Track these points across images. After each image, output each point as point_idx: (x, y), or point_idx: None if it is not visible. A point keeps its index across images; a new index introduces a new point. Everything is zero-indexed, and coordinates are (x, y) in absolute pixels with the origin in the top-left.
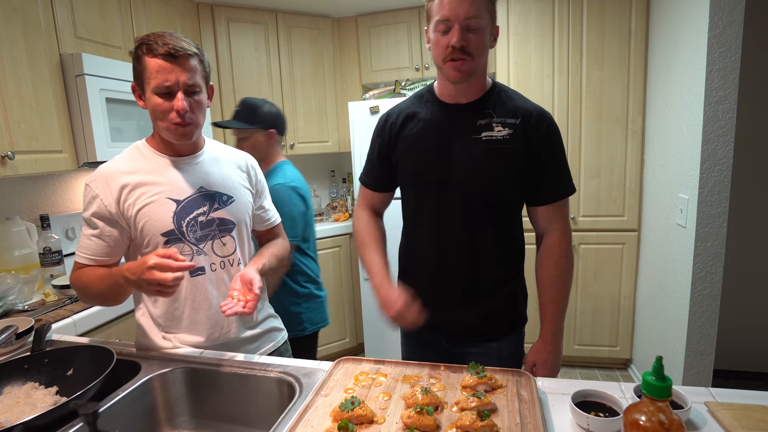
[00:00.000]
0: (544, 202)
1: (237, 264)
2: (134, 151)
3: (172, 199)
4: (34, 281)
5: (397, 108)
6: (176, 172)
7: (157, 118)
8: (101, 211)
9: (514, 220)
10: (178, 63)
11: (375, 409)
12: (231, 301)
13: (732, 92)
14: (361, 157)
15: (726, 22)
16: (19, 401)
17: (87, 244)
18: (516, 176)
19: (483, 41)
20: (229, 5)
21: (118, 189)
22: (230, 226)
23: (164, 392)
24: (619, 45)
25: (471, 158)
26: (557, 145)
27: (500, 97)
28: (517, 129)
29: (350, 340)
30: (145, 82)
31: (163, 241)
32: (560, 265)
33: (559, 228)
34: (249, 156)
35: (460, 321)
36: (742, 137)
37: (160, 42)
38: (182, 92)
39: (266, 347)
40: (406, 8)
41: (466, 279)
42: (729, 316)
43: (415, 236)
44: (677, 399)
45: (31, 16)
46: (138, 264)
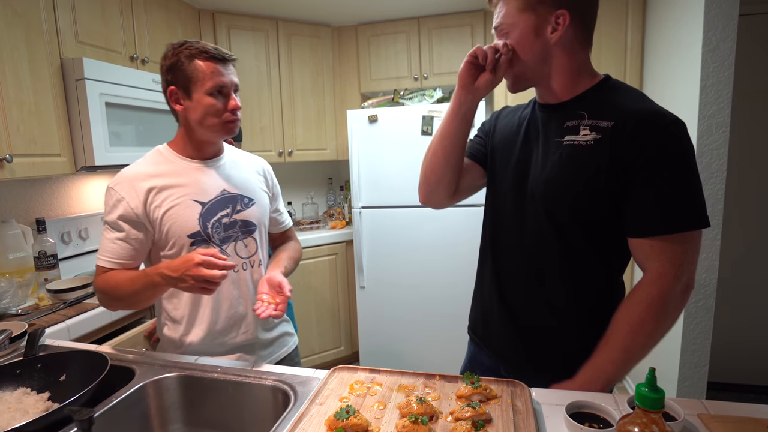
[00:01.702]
0: (634, 232)
1: (258, 265)
2: (157, 155)
3: (197, 201)
4: (29, 285)
5: (511, 106)
6: (200, 175)
7: (207, 118)
8: (127, 213)
9: (603, 253)
10: (226, 65)
11: (370, 419)
12: (262, 304)
13: (725, 107)
14: (359, 165)
15: (720, 37)
16: (11, 407)
17: (111, 248)
18: (596, 194)
19: (520, 41)
20: (230, 12)
21: (144, 191)
22: (252, 227)
23: (158, 399)
24: (616, 59)
25: (546, 165)
26: (669, 158)
27: (605, 96)
28: (607, 134)
29: (345, 348)
30: (194, 84)
31: (189, 243)
32: (634, 310)
33: (657, 269)
34: (264, 161)
35: (512, 351)
36: (736, 150)
37: (208, 47)
38: (232, 92)
39: (280, 352)
40: (406, 18)
41: (529, 309)
42: (724, 329)
43: (485, 245)
44: (670, 411)
45: (34, 20)
46: (181, 261)
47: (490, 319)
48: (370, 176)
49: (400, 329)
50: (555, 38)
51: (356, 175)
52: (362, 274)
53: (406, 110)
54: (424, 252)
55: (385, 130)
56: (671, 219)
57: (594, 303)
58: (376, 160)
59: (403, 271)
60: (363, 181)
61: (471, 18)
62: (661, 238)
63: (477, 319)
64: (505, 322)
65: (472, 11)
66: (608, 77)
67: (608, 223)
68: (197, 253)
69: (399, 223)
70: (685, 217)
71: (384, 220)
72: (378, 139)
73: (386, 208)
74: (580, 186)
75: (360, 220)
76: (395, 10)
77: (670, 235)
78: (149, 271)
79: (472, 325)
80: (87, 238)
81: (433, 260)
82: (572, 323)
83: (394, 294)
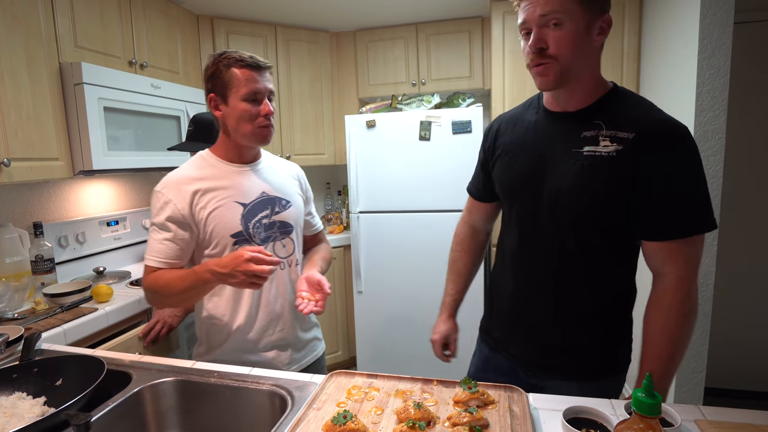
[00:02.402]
0: (652, 237)
1: (295, 265)
2: (200, 160)
3: (239, 203)
4: (25, 289)
5: (505, 114)
6: (241, 178)
7: (242, 123)
8: (175, 215)
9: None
10: (262, 73)
11: (367, 424)
12: (303, 300)
13: (721, 113)
14: (357, 170)
15: (715, 45)
16: (6, 412)
17: (159, 248)
18: (617, 202)
19: (570, 37)
20: (229, 18)
21: (190, 194)
22: (290, 228)
23: (155, 404)
24: (612, 64)
25: (566, 175)
26: (685, 168)
27: (617, 106)
28: (629, 145)
29: (343, 353)
30: (230, 90)
31: (232, 242)
32: (669, 318)
33: (676, 272)
34: (298, 166)
35: (536, 352)
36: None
37: (244, 55)
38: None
39: (310, 356)
40: (404, 24)
41: (547, 309)
42: (721, 334)
43: (504, 254)
44: (667, 416)
45: (33, 25)
46: (231, 258)
47: (507, 323)
48: (368, 181)
49: (398, 334)
50: (599, 41)
51: (354, 180)
52: (360, 278)
53: (403, 116)
54: (422, 257)
55: (383, 135)
56: (689, 223)
57: (610, 302)
58: (373, 165)
59: (401, 276)
60: (361, 186)
61: (469, 24)
62: (679, 241)
63: (492, 322)
64: (523, 325)
65: (469, 17)
66: (616, 85)
67: (625, 227)
68: (246, 250)
69: (397, 228)
70: (700, 220)
71: (382, 225)
72: (376, 145)
73: (384, 213)
74: (604, 195)
75: (358, 225)
76: (393, 16)
77: (687, 238)
78: (198, 269)
79: (486, 328)
80: (84, 242)
81: (431, 265)
82: (589, 323)
83: (392, 299)
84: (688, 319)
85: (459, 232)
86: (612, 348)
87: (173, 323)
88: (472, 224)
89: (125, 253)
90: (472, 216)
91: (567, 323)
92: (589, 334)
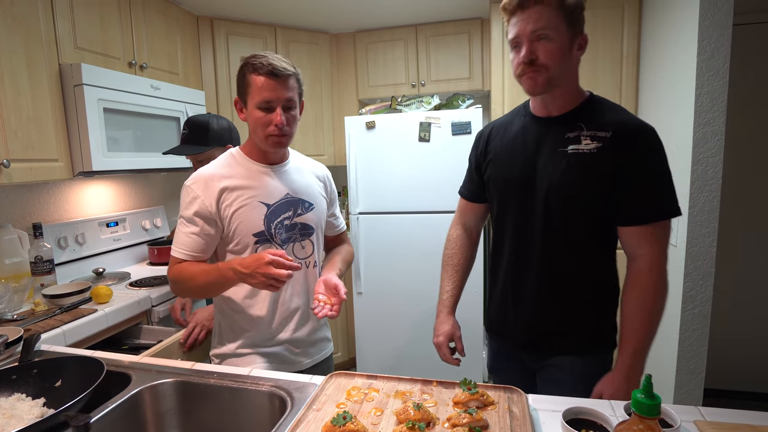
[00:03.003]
0: (629, 222)
1: (313, 266)
2: (230, 158)
3: (263, 203)
4: (25, 290)
5: (494, 121)
6: (267, 178)
7: (257, 129)
8: (202, 210)
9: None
10: (279, 81)
11: (367, 425)
12: (318, 303)
13: (720, 114)
14: (356, 171)
15: (714, 47)
16: (5, 413)
17: (186, 241)
18: (600, 193)
19: (557, 50)
20: (229, 19)
21: (218, 191)
22: (310, 230)
23: (154, 405)
24: (611, 67)
25: (554, 171)
26: (654, 161)
27: (594, 110)
28: (608, 142)
29: (343, 354)
30: (248, 97)
31: (254, 241)
32: (646, 296)
33: (650, 254)
34: (325, 167)
35: (534, 335)
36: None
37: (264, 62)
38: (281, 108)
39: (320, 355)
40: (404, 26)
41: (543, 295)
42: (721, 336)
43: (499, 248)
44: (667, 417)
45: (33, 26)
46: (253, 259)
47: (506, 315)
48: (368, 182)
49: (398, 335)
50: (578, 56)
51: (354, 182)
52: (359, 279)
53: (403, 117)
54: (421, 258)
55: (382, 136)
56: (659, 208)
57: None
58: (373, 167)
59: (401, 276)
60: (360, 188)
61: (468, 26)
62: (651, 225)
63: (493, 317)
64: (520, 315)
65: (469, 19)
66: (592, 94)
67: (607, 216)
68: (268, 253)
69: (396, 229)
70: (667, 206)
71: (381, 226)
72: (375, 146)
73: (383, 214)
74: (589, 186)
75: (357, 226)
76: (393, 17)
77: (658, 222)
78: (222, 266)
79: (490, 324)
80: (83, 243)
81: (431, 266)
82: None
83: (392, 300)
84: (662, 295)
85: (451, 233)
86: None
87: (210, 326)
88: (465, 224)
89: (125, 254)
90: (465, 217)
91: (559, 310)
92: (580, 319)
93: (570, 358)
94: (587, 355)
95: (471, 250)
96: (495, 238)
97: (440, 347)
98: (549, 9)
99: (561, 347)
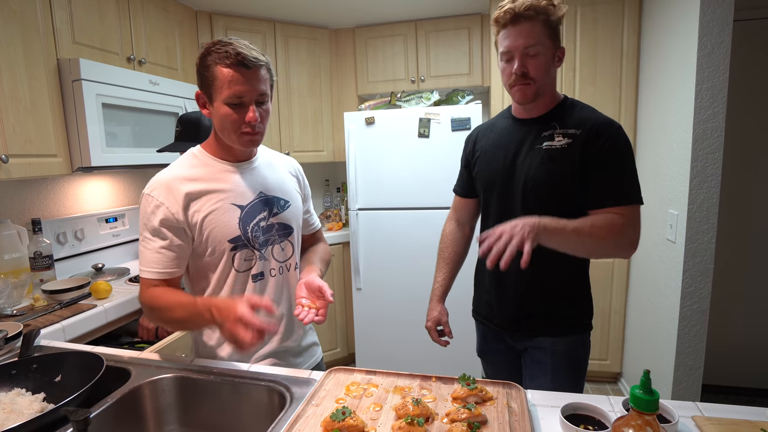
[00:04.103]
0: (597, 206)
1: (294, 269)
2: (191, 158)
3: (236, 205)
4: (24, 286)
5: (481, 125)
6: (237, 177)
7: (225, 127)
8: (168, 219)
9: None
10: (251, 74)
11: (366, 420)
12: (302, 309)
13: (720, 111)
14: (356, 167)
15: (715, 42)
16: (5, 408)
17: (155, 258)
18: (571, 182)
19: (543, 65)
20: (228, 14)
21: (183, 196)
22: (289, 230)
23: (154, 400)
24: (611, 63)
25: (531, 165)
26: (619, 153)
27: (567, 111)
28: (577, 138)
29: (342, 349)
30: (214, 90)
31: (230, 248)
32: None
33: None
34: (295, 161)
35: (517, 318)
36: (731, 154)
37: (231, 51)
38: (254, 103)
39: (310, 362)
40: (403, 21)
41: (524, 279)
42: (719, 332)
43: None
44: (665, 413)
45: (30, 20)
46: (225, 306)
47: (490, 299)
48: (367, 178)
49: (397, 331)
50: (557, 66)
51: (353, 177)
52: (359, 275)
53: (403, 113)
54: (420, 254)
55: (382, 132)
56: (622, 195)
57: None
58: (372, 162)
59: (400, 272)
60: (360, 183)
61: (468, 21)
62: (615, 209)
63: (479, 302)
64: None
65: (469, 14)
66: (566, 97)
67: (580, 205)
68: (241, 304)
69: (395, 225)
70: (629, 194)
71: (380, 222)
72: (375, 141)
73: (383, 210)
74: (561, 176)
75: (357, 222)
76: (392, 13)
77: (621, 207)
78: (200, 303)
79: (476, 309)
80: (83, 238)
81: (430, 262)
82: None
83: (391, 295)
84: (612, 231)
85: (446, 228)
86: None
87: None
88: (458, 219)
89: (124, 249)
90: (459, 213)
91: (539, 295)
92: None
93: (551, 339)
94: (566, 336)
95: (463, 243)
96: (482, 227)
97: (429, 331)
98: (538, 25)
99: (542, 329)
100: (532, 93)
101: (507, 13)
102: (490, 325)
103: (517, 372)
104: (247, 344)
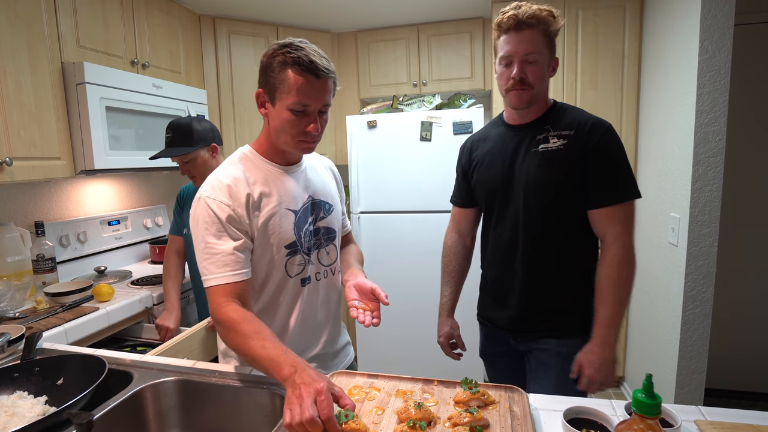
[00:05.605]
0: (594, 205)
1: (337, 272)
2: (244, 159)
3: (291, 210)
4: (26, 288)
5: (474, 134)
6: (289, 180)
7: (284, 131)
8: (236, 220)
9: (581, 230)
10: (319, 83)
11: (368, 423)
12: (358, 311)
13: (721, 114)
14: (358, 170)
15: (716, 46)
16: (7, 411)
17: (228, 261)
18: (569, 182)
19: (541, 73)
20: (231, 18)
21: (245, 198)
22: (333, 234)
23: (155, 403)
24: (613, 67)
25: (529, 168)
26: (612, 151)
27: (559, 114)
28: (571, 139)
29: None
30: (279, 93)
31: (286, 254)
32: (612, 269)
33: (614, 231)
34: (330, 161)
35: (522, 320)
36: (733, 157)
37: (304, 58)
38: (317, 112)
39: (345, 361)
40: (405, 25)
41: (526, 283)
42: (722, 336)
43: (486, 241)
44: (667, 417)
45: (35, 24)
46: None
47: (495, 303)
48: (369, 182)
49: (399, 334)
50: (551, 76)
51: (355, 181)
52: None
53: (404, 116)
54: (422, 257)
55: (384, 135)
56: (620, 191)
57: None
58: (375, 166)
59: (402, 276)
60: (362, 187)
61: (470, 25)
62: (614, 208)
63: (484, 306)
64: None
65: (470, 18)
66: (555, 101)
67: (578, 204)
68: (323, 391)
69: (397, 228)
70: (628, 189)
71: (382, 225)
72: (377, 145)
73: (385, 214)
74: (560, 176)
75: (359, 226)
76: (395, 17)
77: (619, 204)
78: (288, 355)
79: (481, 313)
80: (85, 241)
81: (432, 266)
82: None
83: (393, 299)
84: (628, 268)
85: (447, 240)
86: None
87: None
88: (459, 231)
89: (126, 252)
90: (459, 224)
91: (542, 297)
92: (562, 304)
93: (554, 341)
94: (570, 337)
95: (466, 255)
96: (483, 232)
97: (442, 347)
98: (538, 34)
99: (545, 331)
100: (528, 98)
101: (510, 19)
102: (494, 327)
103: (519, 374)
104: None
